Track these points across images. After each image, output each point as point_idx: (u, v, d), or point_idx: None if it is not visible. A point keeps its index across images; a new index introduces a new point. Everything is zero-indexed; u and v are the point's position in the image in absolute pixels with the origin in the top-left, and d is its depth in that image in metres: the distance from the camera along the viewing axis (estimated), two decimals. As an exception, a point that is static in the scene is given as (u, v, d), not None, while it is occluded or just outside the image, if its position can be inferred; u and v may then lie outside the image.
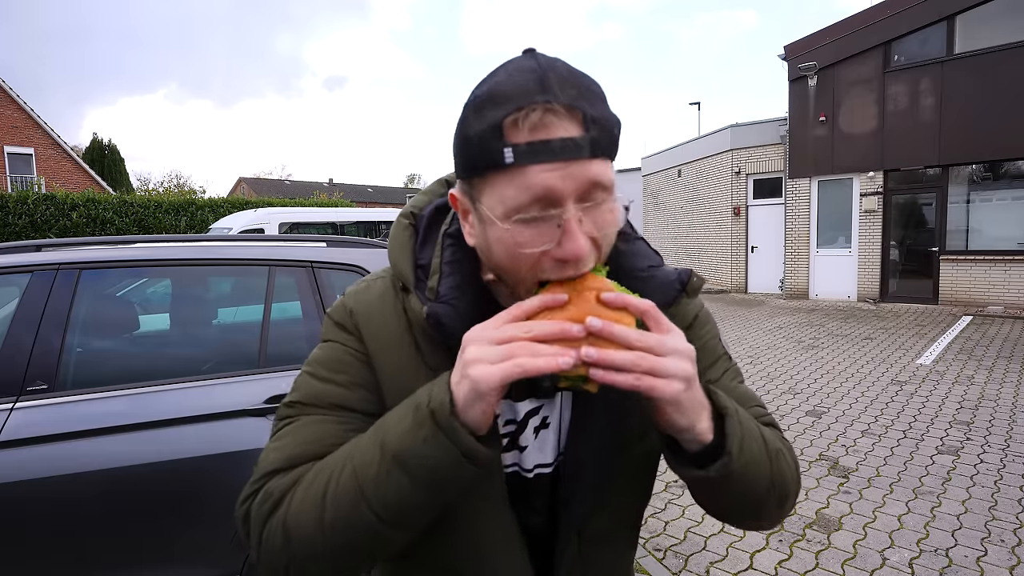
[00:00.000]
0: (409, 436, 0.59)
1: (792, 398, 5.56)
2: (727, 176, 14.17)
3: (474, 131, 0.59)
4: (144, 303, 2.55)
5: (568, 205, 0.58)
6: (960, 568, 2.77)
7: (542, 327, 0.56)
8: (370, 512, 0.60)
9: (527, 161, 0.57)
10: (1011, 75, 10.08)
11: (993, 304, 10.46)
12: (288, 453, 0.67)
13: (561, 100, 0.57)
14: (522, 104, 0.56)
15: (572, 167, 0.57)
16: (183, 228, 14.19)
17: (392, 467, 0.59)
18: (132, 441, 1.86)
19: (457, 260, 0.71)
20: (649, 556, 2.95)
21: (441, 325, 0.66)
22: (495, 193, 0.60)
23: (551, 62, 0.60)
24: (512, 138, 0.57)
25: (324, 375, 0.72)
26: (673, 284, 0.73)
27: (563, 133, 0.57)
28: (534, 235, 0.59)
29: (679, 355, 0.58)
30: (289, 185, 45.08)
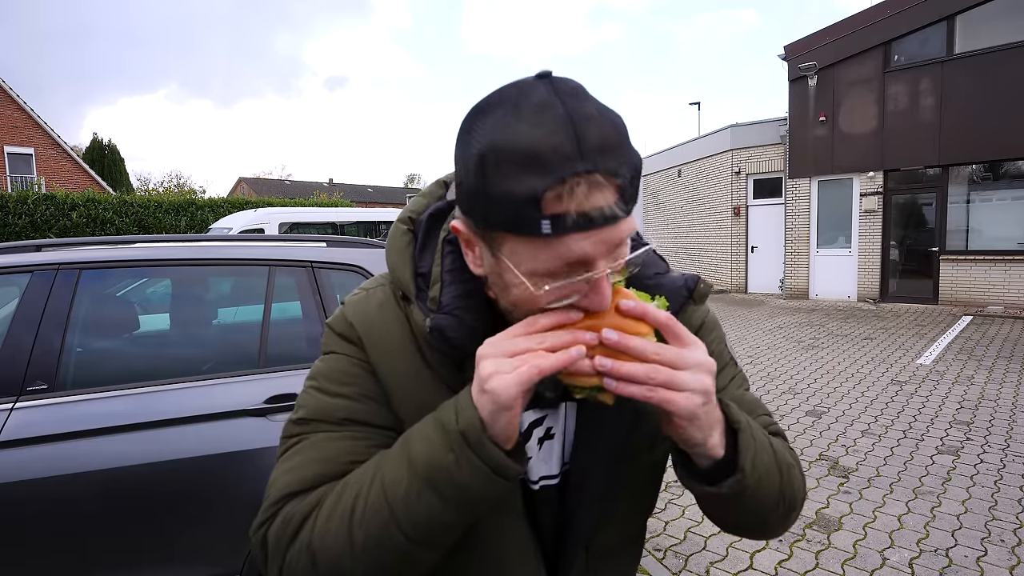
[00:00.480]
0: (439, 456, 0.58)
1: (792, 398, 5.56)
2: (727, 176, 14.17)
3: (499, 191, 0.53)
4: (144, 303, 2.54)
5: (601, 264, 0.56)
6: (960, 568, 2.77)
7: (555, 337, 0.56)
8: (399, 533, 0.59)
9: (564, 232, 0.53)
10: (1011, 75, 10.08)
11: (993, 304, 10.47)
12: (303, 474, 0.65)
13: (602, 168, 0.53)
14: (563, 176, 0.51)
15: (607, 232, 0.55)
16: (183, 228, 14.19)
17: (423, 487, 0.58)
18: (132, 441, 1.86)
19: (458, 268, 0.68)
20: (649, 556, 2.95)
21: (446, 338, 0.64)
22: (524, 255, 0.56)
23: (579, 107, 0.55)
24: (550, 209, 0.52)
25: (331, 389, 0.69)
26: (680, 291, 0.72)
27: (603, 202, 0.53)
28: (561, 293, 0.58)
29: (699, 368, 0.57)
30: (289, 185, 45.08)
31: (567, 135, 0.52)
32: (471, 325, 0.65)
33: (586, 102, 0.56)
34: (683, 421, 0.58)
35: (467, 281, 0.67)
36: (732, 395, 0.77)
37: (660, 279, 0.73)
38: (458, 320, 0.65)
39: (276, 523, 0.64)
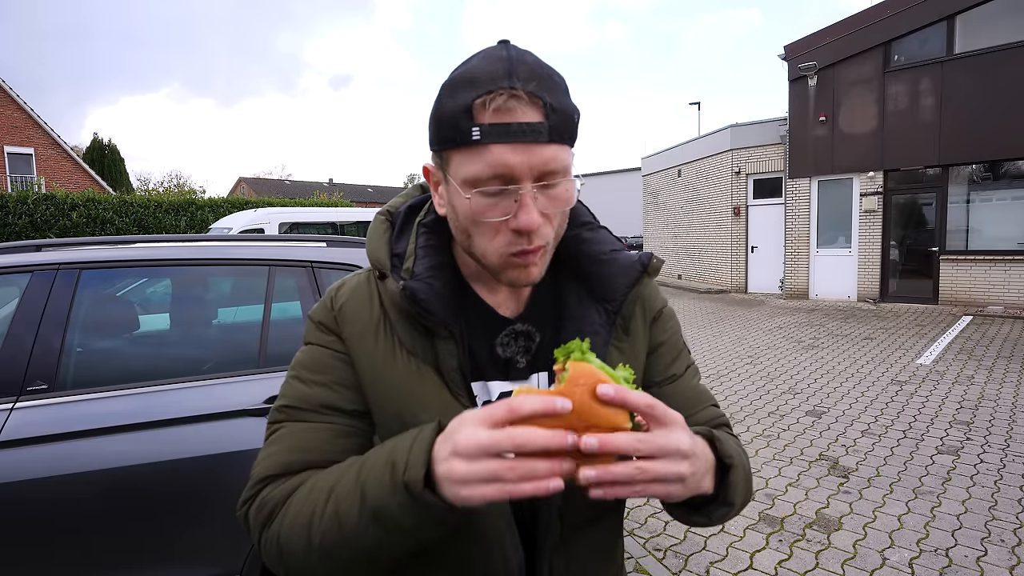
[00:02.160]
0: (386, 496, 0.60)
1: (792, 398, 5.56)
2: (727, 176, 14.17)
3: (447, 109, 0.65)
4: (144, 303, 2.54)
5: (525, 183, 0.64)
6: (960, 568, 2.77)
7: (536, 440, 0.53)
8: (351, 552, 0.64)
9: (490, 140, 0.63)
10: (1011, 75, 10.08)
11: (993, 304, 10.46)
12: (280, 460, 0.71)
13: (524, 88, 0.63)
14: (491, 89, 0.62)
15: (530, 149, 0.63)
16: (183, 228, 14.19)
17: (370, 522, 0.61)
18: (132, 441, 1.86)
19: (432, 245, 0.76)
20: (649, 556, 2.95)
21: (417, 300, 0.70)
22: (462, 166, 0.65)
23: (521, 54, 0.66)
24: (479, 119, 0.63)
25: (309, 378, 0.75)
26: (635, 265, 0.78)
27: (524, 118, 0.63)
28: (493, 206, 0.66)
29: (675, 456, 0.57)
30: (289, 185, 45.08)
31: (503, 66, 0.64)
32: (440, 292, 0.72)
33: (529, 55, 0.67)
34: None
35: (438, 255, 0.75)
36: (687, 384, 0.84)
37: (615, 255, 0.79)
38: (428, 286, 0.71)
39: (254, 505, 0.70)
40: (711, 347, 7.97)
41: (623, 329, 0.80)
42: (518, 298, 0.79)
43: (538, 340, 0.77)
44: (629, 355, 0.80)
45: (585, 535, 0.79)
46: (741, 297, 13.63)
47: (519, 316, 0.78)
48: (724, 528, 3.21)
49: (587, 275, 0.78)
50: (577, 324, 0.76)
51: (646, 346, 0.83)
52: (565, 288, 0.79)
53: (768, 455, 4.20)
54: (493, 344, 0.76)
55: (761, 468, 3.99)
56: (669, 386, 0.82)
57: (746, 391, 5.84)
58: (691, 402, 0.82)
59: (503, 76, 0.63)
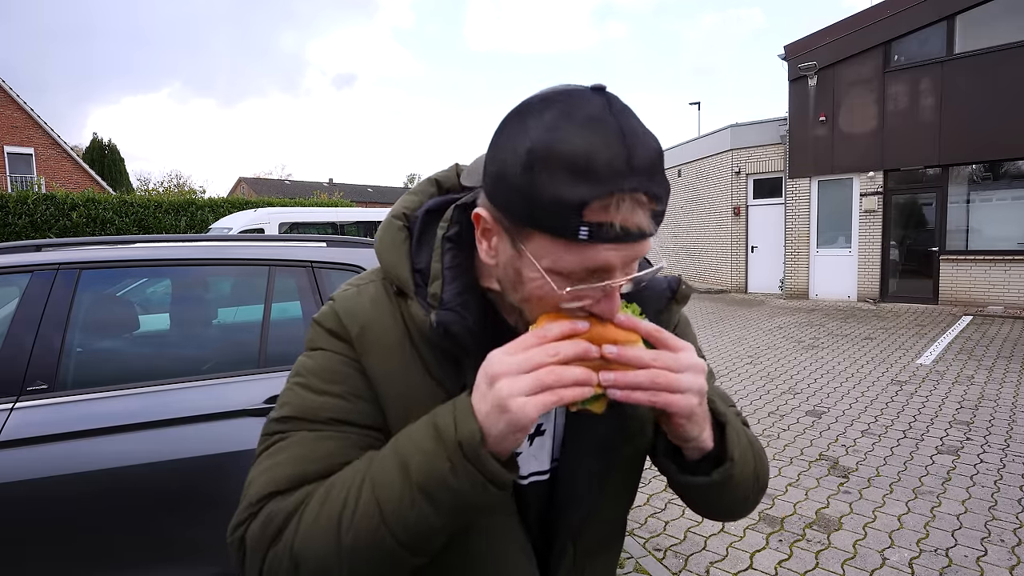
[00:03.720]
0: (435, 465, 0.57)
1: (792, 398, 5.56)
2: (727, 176, 14.17)
3: (550, 194, 0.54)
4: (144, 303, 2.54)
5: (618, 276, 0.59)
6: (960, 568, 2.77)
7: (566, 348, 0.57)
8: (390, 536, 0.58)
9: (598, 241, 0.55)
10: (1011, 75, 10.08)
11: (993, 304, 10.46)
12: (287, 472, 0.63)
13: (647, 189, 0.55)
14: (612, 190, 0.53)
15: (634, 247, 0.58)
16: (183, 228, 14.19)
17: (417, 495, 0.58)
18: (132, 441, 1.86)
19: (458, 265, 0.68)
20: (649, 556, 2.95)
21: (450, 334, 0.64)
22: (551, 252, 0.58)
23: (631, 125, 0.57)
24: (591, 217, 0.54)
25: (319, 387, 0.67)
26: (664, 292, 0.77)
27: (640, 221, 0.56)
28: (580, 295, 0.60)
29: (693, 370, 0.61)
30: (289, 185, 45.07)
31: (620, 150, 0.54)
32: (473, 323, 0.66)
33: (635, 121, 0.58)
34: (682, 419, 0.62)
35: (465, 276, 0.68)
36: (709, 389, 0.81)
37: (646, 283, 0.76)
38: (460, 317, 0.65)
39: (256, 523, 0.62)
40: (711, 347, 7.97)
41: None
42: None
43: None
44: None
45: (597, 560, 0.79)
46: (741, 297, 13.63)
47: None
48: (724, 528, 3.21)
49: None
50: None
51: None
52: None
53: (768, 455, 4.20)
54: None
55: (761, 468, 3.99)
56: None
57: (746, 391, 5.84)
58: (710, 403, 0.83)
59: (624, 170, 0.54)
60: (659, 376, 0.58)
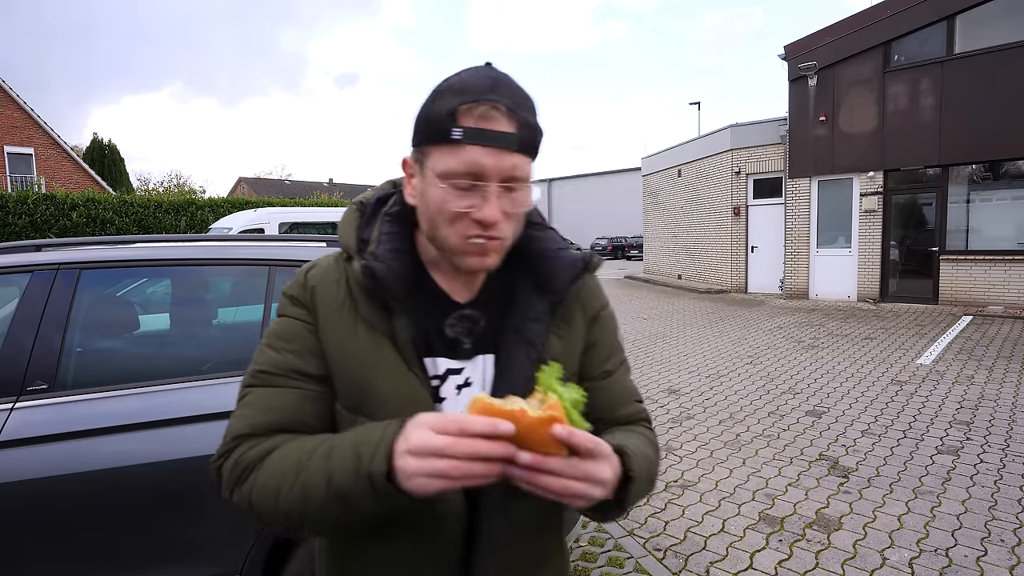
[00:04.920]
0: (351, 482, 0.69)
1: (792, 398, 5.56)
2: (727, 176, 14.17)
3: (434, 110, 0.75)
4: (144, 303, 2.54)
5: (492, 182, 0.75)
6: (960, 568, 2.77)
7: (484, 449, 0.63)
8: (312, 522, 0.74)
9: (469, 141, 0.73)
10: (1011, 75, 10.08)
11: (993, 304, 10.46)
12: (252, 420, 0.80)
13: (504, 103, 0.74)
14: (477, 98, 0.73)
15: (501, 154, 0.74)
16: (183, 228, 14.19)
17: (333, 501, 0.71)
18: (132, 441, 1.86)
19: (395, 232, 0.85)
20: (649, 556, 2.95)
21: (375, 277, 0.79)
22: (440, 160, 0.75)
23: (504, 75, 0.78)
24: (462, 122, 0.73)
25: (280, 346, 0.83)
26: (577, 263, 0.88)
27: (500, 128, 0.73)
28: (461, 197, 0.75)
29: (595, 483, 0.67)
30: (289, 185, 45.08)
31: (486, 80, 0.75)
32: (397, 272, 0.80)
33: (510, 78, 0.78)
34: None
35: (400, 241, 0.84)
36: (618, 380, 0.93)
37: (560, 252, 0.89)
38: (387, 266, 0.80)
39: (228, 462, 0.79)
40: (711, 347, 7.97)
41: (564, 319, 0.89)
42: (472, 286, 0.87)
43: (483, 324, 0.85)
44: (567, 343, 0.89)
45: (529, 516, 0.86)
46: (741, 297, 13.63)
47: (470, 302, 0.86)
48: (724, 528, 3.21)
49: (535, 269, 0.88)
50: (524, 312, 0.86)
51: (583, 342, 0.91)
52: (515, 280, 0.88)
53: (768, 455, 4.20)
54: (443, 325, 0.84)
55: (761, 468, 3.99)
56: (603, 381, 0.92)
57: (746, 391, 5.84)
58: (619, 397, 0.92)
59: (488, 90, 0.74)
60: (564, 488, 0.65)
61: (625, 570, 2.84)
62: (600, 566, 2.88)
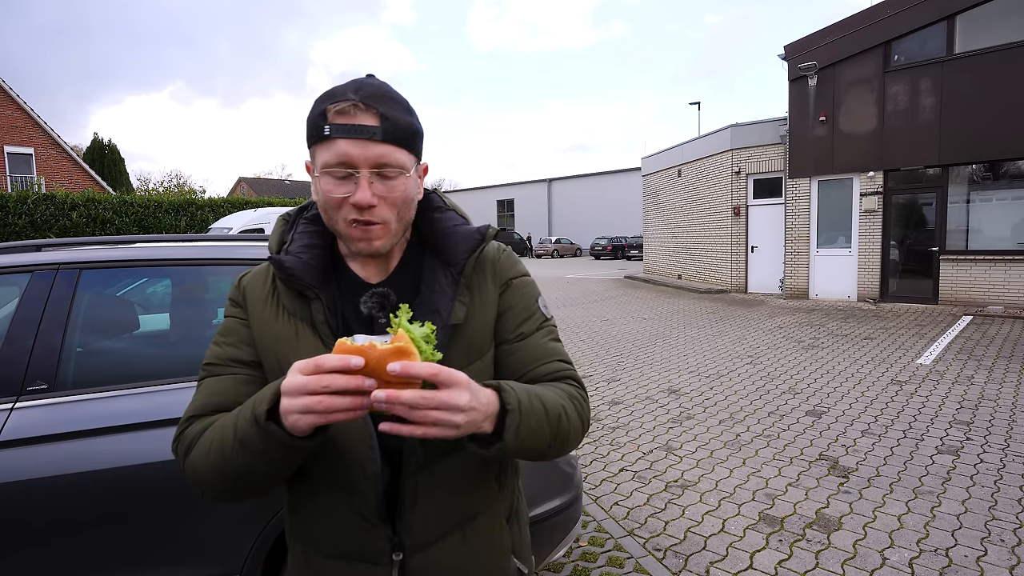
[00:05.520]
0: (247, 426, 0.79)
1: (792, 398, 5.56)
2: (727, 176, 14.17)
3: (311, 114, 0.87)
4: (144, 303, 2.54)
5: (362, 169, 0.85)
6: (960, 568, 2.77)
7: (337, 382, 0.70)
8: (234, 472, 0.82)
9: (336, 136, 0.84)
10: (1011, 75, 10.08)
11: (993, 304, 10.47)
12: (199, 403, 0.92)
13: (365, 101, 0.85)
14: (338, 99, 0.85)
15: (366, 145, 0.84)
16: (183, 228, 14.19)
17: (239, 447, 0.80)
18: (132, 441, 1.86)
19: (308, 231, 0.98)
20: (649, 556, 2.95)
21: (283, 267, 0.91)
22: (319, 156, 0.87)
23: (372, 80, 0.89)
24: (330, 120, 0.84)
25: (221, 340, 0.96)
26: (474, 235, 0.98)
27: (360, 121, 0.84)
28: (339, 186, 0.86)
29: (453, 410, 0.72)
30: (289, 185, 45.07)
31: (352, 85, 0.87)
32: (307, 263, 0.93)
33: (381, 83, 0.89)
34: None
35: (313, 238, 0.97)
36: (536, 343, 0.98)
37: (458, 228, 0.98)
38: (297, 258, 0.93)
39: (181, 440, 0.90)
40: (711, 347, 7.97)
41: (467, 287, 0.96)
42: (385, 269, 0.97)
43: (394, 299, 0.95)
44: (474, 311, 0.96)
45: (449, 459, 0.93)
46: (741, 297, 13.63)
47: (383, 282, 0.96)
48: (724, 528, 3.21)
49: (437, 247, 0.98)
50: (429, 286, 0.95)
51: (495, 308, 0.99)
52: (423, 259, 0.99)
53: (768, 455, 4.20)
54: (358, 304, 0.94)
55: (761, 468, 3.99)
56: (518, 343, 0.98)
57: (746, 391, 5.84)
58: (537, 356, 0.97)
59: (350, 91, 0.86)
60: (422, 416, 0.71)
61: (625, 570, 2.84)
62: (600, 566, 2.88)
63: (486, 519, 0.99)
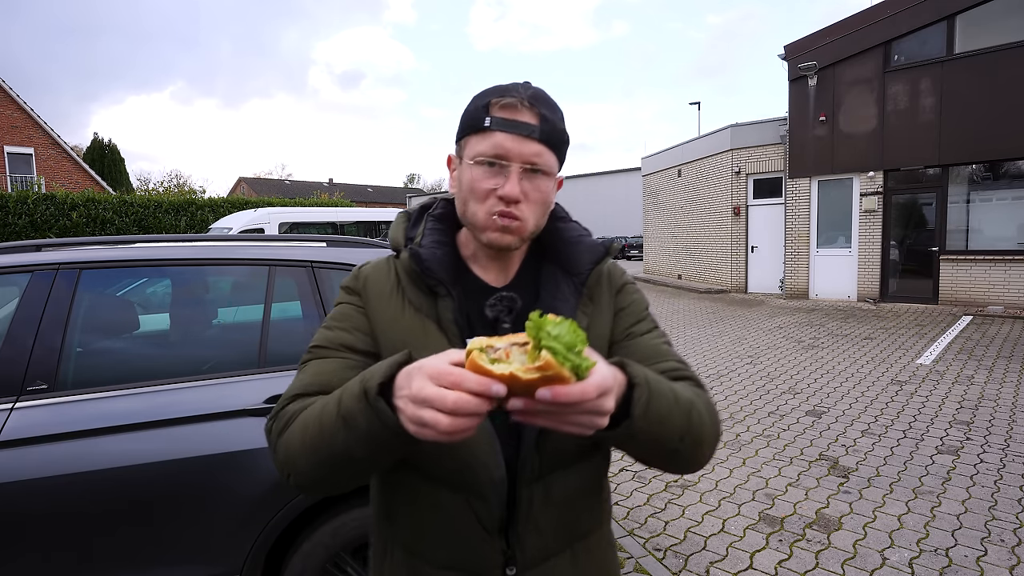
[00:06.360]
0: (353, 402, 0.73)
1: (792, 398, 5.56)
2: (727, 176, 14.17)
3: (472, 107, 0.89)
4: (144, 303, 2.54)
5: (515, 164, 0.86)
6: (960, 568, 2.77)
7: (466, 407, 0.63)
8: (329, 452, 0.76)
9: (496, 128, 0.86)
10: (1011, 75, 10.08)
11: (993, 304, 10.46)
12: (303, 382, 0.88)
13: (529, 100, 0.87)
14: (506, 95, 0.86)
15: (523, 141, 0.85)
16: (183, 228, 14.20)
17: (340, 423, 0.74)
18: (132, 441, 1.86)
19: (437, 229, 0.97)
20: (649, 556, 2.95)
21: (420, 259, 0.90)
22: (474, 147, 0.88)
23: (539, 88, 0.90)
24: (492, 113, 0.86)
25: (333, 325, 0.93)
26: (598, 247, 0.99)
27: (522, 118, 0.86)
28: (489, 176, 0.86)
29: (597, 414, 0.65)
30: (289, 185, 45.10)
31: (518, 85, 0.89)
32: (440, 258, 0.92)
33: (543, 90, 0.91)
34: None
35: (442, 235, 0.96)
36: (649, 342, 0.96)
37: (582, 238, 0.99)
38: (431, 252, 0.92)
39: (277, 419, 0.85)
40: (711, 347, 7.97)
41: (589, 298, 0.97)
42: (506, 273, 0.97)
43: (520, 304, 0.93)
44: (593, 319, 0.95)
45: (564, 473, 0.90)
46: (741, 297, 13.63)
47: (505, 286, 0.96)
48: (724, 528, 3.21)
49: (560, 255, 0.98)
50: (551, 292, 0.95)
51: (612, 311, 0.99)
52: (544, 266, 0.99)
53: (768, 455, 4.20)
54: (483, 307, 0.93)
55: (761, 468, 3.99)
56: (629, 341, 0.97)
57: (746, 391, 5.84)
58: (649, 355, 0.94)
59: (517, 90, 0.87)
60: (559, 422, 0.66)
61: (625, 570, 2.84)
62: (600, 566, 2.87)
63: (595, 539, 0.97)
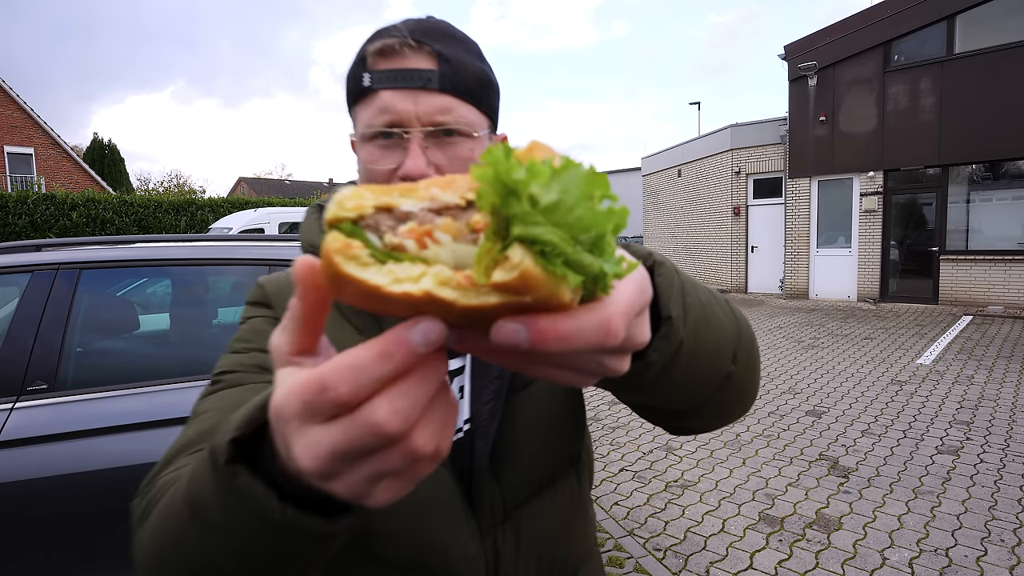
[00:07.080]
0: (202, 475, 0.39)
1: (792, 398, 5.56)
2: (727, 176, 14.17)
3: (350, 66, 0.66)
4: (144, 303, 2.54)
5: (413, 129, 0.62)
6: (960, 568, 2.77)
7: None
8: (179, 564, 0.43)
9: (379, 86, 0.62)
10: (1011, 75, 10.08)
11: (993, 304, 10.46)
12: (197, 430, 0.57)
13: (416, 37, 0.62)
14: (382, 36, 0.63)
15: (418, 96, 0.62)
16: (183, 228, 14.19)
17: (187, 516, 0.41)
18: (132, 441, 1.86)
19: None
20: (649, 556, 2.95)
21: None
22: (359, 118, 0.65)
23: (431, 19, 0.67)
24: (372, 66, 0.63)
25: (241, 347, 0.68)
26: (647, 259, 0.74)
27: (411, 65, 0.62)
28: (383, 154, 0.63)
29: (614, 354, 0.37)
30: (289, 185, 45.11)
31: (399, 23, 0.64)
32: None
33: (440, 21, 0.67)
34: None
35: None
36: None
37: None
38: None
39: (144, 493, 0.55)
40: (711, 347, 7.96)
41: None
42: None
43: None
44: None
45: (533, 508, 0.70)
46: (741, 297, 13.63)
47: None
48: (724, 528, 3.21)
49: None
50: None
51: None
52: None
53: (768, 455, 4.20)
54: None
55: (761, 468, 3.99)
56: None
57: (746, 391, 5.83)
58: None
59: (399, 27, 0.63)
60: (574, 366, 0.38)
61: (625, 570, 2.84)
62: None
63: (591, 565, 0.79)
